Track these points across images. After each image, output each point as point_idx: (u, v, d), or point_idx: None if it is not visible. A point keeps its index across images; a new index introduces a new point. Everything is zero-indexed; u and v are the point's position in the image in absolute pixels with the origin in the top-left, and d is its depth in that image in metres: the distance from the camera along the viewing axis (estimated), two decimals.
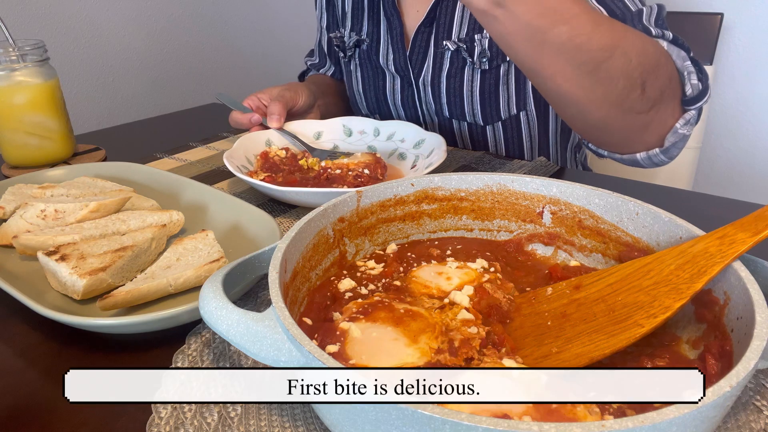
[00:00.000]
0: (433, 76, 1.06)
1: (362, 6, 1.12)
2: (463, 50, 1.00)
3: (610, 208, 0.53)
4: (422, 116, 1.13)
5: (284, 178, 0.81)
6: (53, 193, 0.74)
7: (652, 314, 0.42)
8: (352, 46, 1.15)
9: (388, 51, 1.10)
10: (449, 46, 1.01)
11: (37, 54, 0.91)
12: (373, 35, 1.12)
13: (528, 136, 1.09)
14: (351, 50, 1.16)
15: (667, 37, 0.79)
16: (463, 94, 1.04)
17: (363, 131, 0.98)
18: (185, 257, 0.60)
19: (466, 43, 1.00)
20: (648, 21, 0.80)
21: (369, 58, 1.14)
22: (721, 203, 0.82)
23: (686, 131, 0.78)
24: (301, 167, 0.85)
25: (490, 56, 0.99)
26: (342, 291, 0.51)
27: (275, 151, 0.88)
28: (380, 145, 0.96)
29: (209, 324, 0.40)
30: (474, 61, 1.01)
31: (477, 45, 0.99)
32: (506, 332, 0.46)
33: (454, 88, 1.05)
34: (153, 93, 1.85)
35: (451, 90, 1.05)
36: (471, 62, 1.01)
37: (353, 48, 1.16)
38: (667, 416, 0.28)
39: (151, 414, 0.43)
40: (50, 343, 0.53)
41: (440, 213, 0.60)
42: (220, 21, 2.02)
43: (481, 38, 0.99)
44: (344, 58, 1.19)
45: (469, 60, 1.01)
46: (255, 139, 0.93)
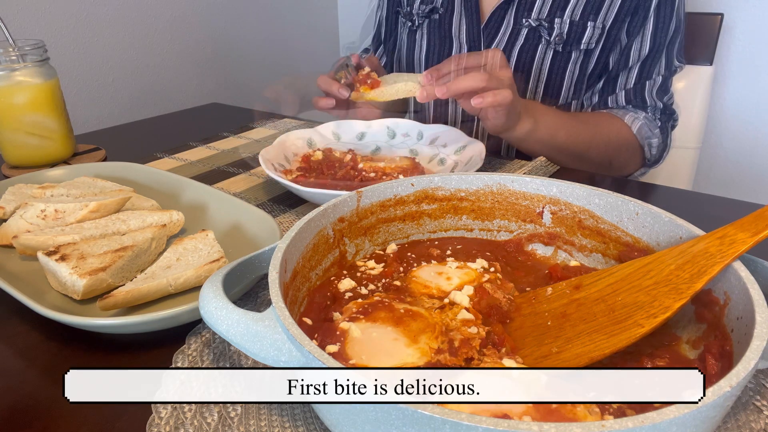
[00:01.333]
0: (505, 48, 1.10)
1: None
2: (543, 29, 1.05)
3: (610, 208, 0.53)
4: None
5: (315, 179, 0.81)
6: (53, 193, 0.74)
7: (652, 314, 0.42)
8: (424, 15, 1.19)
9: (462, 21, 1.14)
10: (531, 23, 1.06)
11: (37, 54, 0.91)
12: (448, 5, 1.16)
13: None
14: (422, 19, 1.20)
15: (658, 106, 1.06)
16: (531, 70, 1.09)
17: (406, 134, 0.98)
18: (185, 257, 0.60)
19: (546, 24, 1.04)
20: (650, 93, 1.05)
21: (440, 26, 1.18)
22: (721, 203, 0.82)
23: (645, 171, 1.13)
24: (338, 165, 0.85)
25: (565, 41, 1.04)
26: (342, 291, 0.51)
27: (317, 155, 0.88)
28: (422, 148, 0.95)
29: (209, 324, 0.40)
30: (550, 41, 1.05)
31: (556, 27, 1.04)
32: (506, 332, 0.46)
33: (524, 62, 1.09)
34: (153, 93, 1.85)
35: (520, 65, 1.09)
36: (547, 41, 1.05)
37: (424, 18, 1.20)
38: (667, 416, 0.28)
39: (151, 414, 0.43)
40: (50, 343, 0.53)
41: (440, 213, 0.60)
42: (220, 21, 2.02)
43: (561, 23, 1.04)
44: (412, 27, 1.23)
45: (545, 39, 1.05)
46: (296, 137, 0.93)
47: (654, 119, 1.06)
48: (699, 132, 1.40)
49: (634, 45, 1.03)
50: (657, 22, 1.02)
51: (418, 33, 1.22)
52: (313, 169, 0.85)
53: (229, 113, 1.34)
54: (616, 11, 1.02)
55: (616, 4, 1.01)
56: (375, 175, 0.81)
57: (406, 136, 0.98)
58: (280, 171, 0.82)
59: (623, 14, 1.02)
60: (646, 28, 1.02)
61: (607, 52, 1.05)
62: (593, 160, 1.01)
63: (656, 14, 1.02)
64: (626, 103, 1.06)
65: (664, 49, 1.04)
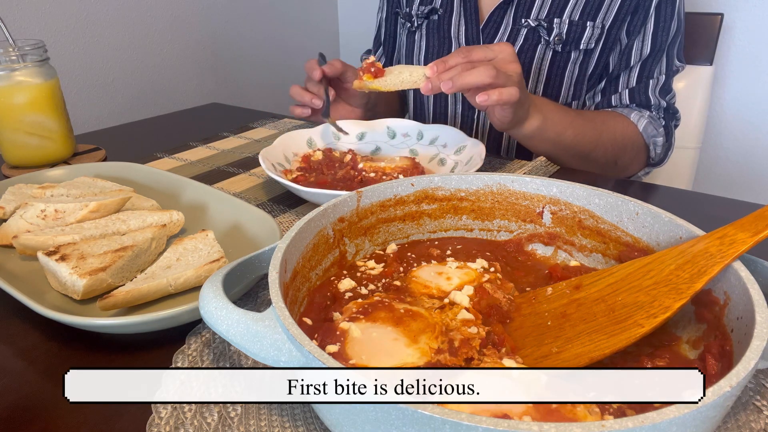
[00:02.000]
0: None
1: None
2: (543, 29, 1.04)
3: (610, 208, 0.53)
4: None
5: (315, 179, 0.81)
6: (53, 193, 0.74)
7: (652, 314, 0.42)
8: (423, 16, 1.19)
9: (461, 22, 1.14)
10: (530, 23, 1.05)
11: (37, 54, 0.91)
12: (447, 7, 1.15)
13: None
14: (421, 20, 1.20)
15: (662, 105, 1.05)
16: (531, 70, 1.08)
17: (407, 134, 0.98)
18: (185, 257, 0.60)
19: (545, 24, 1.04)
20: (653, 92, 1.04)
21: (439, 28, 1.17)
22: (721, 203, 0.82)
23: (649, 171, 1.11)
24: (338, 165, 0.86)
25: (565, 41, 1.04)
26: (342, 291, 0.51)
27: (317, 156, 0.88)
28: (422, 149, 0.96)
29: (209, 324, 0.40)
30: (549, 41, 1.05)
31: (555, 27, 1.04)
32: (506, 332, 0.46)
33: (523, 63, 1.07)
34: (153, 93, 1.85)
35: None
36: (546, 41, 1.05)
37: (423, 18, 1.19)
38: (667, 416, 0.28)
39: (151, 414, 0.43)
40: (50, 343, 0.53)
41: (440, 213, 0.60)
42: (220, 21, 2.02)
43: (560, 23, 1.03)
44: (411, 28, 1.22)
45: (545, 39, 1.05)
46: (296, 137, 0.93)
47: (658, 118, 1.05)
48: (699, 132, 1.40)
49: (635, 45, 1.03)
50: (658, 22, 1.02)
51: (417, 34, 1.22)
52: (313, 169, 0.85)
53: (229, 113, 1.34)
54: (616, 11, 1.01)
55: (615, 4, 1.01)
56: (375, 175, 0.81)
57: (406, 136, 0.98)
58: (280, 171, 0.82)
59: (623, 14, 1.02)
60: (647, 28, 1.02)
61: (608, 53, 1.05)
62: (598, 161, 0.99)
63: (656, 14, 1.02)
64: (630, 102, 1.05)
65: (666, 49, 1.04)
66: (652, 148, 1.05)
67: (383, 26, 1.34)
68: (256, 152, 1.00)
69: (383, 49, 1.36)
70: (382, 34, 1.35)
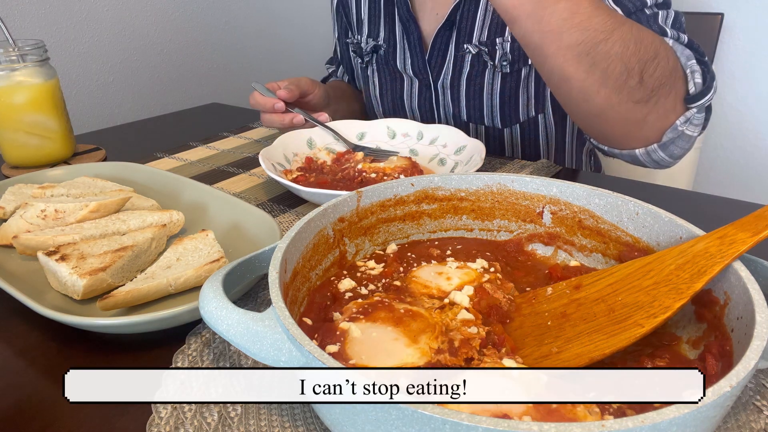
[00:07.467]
0: (453, 79, 1.06)
1: (378, 12, 1.13)
2: (485, 53, 1.00)
3: (610, 208, 0.53)
4: (438, 119, 1.14)
5: (316, 179, 0.81)
6: (53, 193, 0.74)
7: (652, 314, 0.42)
8: (370, 51, 1.16)
9: (406, 55, 1.10)
10: (470, 49, 1.01)
11: (37, 54, 0.91)
12: (390, 40, 1.12)
13: (545, 139, 1.09)
14: (368, 55, 1.17)
15: (682, 40, 0.81)
16: (483, 97, 1.04)
17: (407, 134, 0.98)
18: (185, 257, 0.60)
19: (487, 47, 1.00)
20: (664, 22, 0.82)
21: (386, 62, 1.15)
22: (721, 203, 0.82)
23: (688, 130, 0.79)
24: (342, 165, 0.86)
25: (511, 60, 0.99)
26: (342, 291, 0.51)
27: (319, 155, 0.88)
28: (422, 149, 0.95)
29: (209, 324, 0.40)
30: (495, 65, 1.01)
31: (498, 48, 0.99)
32: (506, 332, 0.46)
33: (474, 90, 1.05)
34: (153, 93, 1.85)
35: (470, 93, 1.05)
36: (492, 65, 1.01)
37: (371, 53, 1.16)
38: (667, 416, 0.28)
39: (151, 414, 0.43)
40: (50, 343, 0.53)
41: (440, 213, 0.60)
42: (220, 21, 2.02)
43: (503, 42, 0.99)
44: (362, 64, 1.20)
45: (491, 63, 1.01)
46: (296, 137, 0.93)
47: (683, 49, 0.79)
48: None
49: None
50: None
51: (369, 69, 1.19)
52: (313, 169, 0.86)
53: (229, 113, 1.34)
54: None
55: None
56: (375, 176, 0.81)
57: (406, 136, 0.98)
58: (280, 171, 0.82)
59: None
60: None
61: None
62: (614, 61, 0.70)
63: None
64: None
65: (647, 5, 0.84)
66: (690, 74, 0.77)
67: (338, 48, 1.31)
68: (256, 152, 1.00)
69: (344, 68, 1.33)
70: (338, 55, 1.32)
